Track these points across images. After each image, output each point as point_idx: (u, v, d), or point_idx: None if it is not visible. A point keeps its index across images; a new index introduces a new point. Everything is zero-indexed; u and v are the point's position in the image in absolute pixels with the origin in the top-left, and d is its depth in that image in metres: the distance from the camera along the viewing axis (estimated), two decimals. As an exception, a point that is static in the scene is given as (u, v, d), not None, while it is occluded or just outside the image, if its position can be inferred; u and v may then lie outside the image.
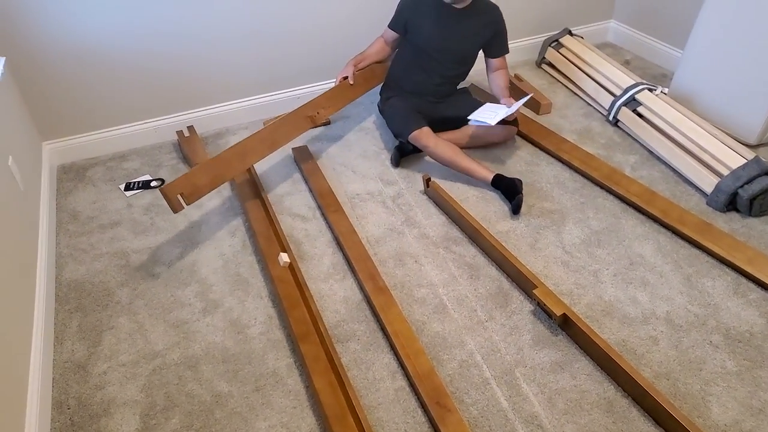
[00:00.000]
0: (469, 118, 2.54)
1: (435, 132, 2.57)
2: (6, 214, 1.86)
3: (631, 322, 1.90)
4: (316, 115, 2.58)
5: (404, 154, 2.67)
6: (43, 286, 1.99)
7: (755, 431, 1.59)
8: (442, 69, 2.64)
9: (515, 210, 2.34)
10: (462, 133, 2.66)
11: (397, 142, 2.71)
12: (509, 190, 2.39)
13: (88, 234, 2.35)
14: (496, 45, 2.65)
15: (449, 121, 2.66)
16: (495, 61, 2.68)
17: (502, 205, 2.41)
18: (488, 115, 2.52)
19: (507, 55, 2.69)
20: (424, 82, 2.67)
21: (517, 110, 2.53)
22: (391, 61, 2.81)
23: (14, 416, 1.48)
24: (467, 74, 2.75)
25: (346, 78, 2.71)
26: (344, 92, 2.74)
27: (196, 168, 2.19)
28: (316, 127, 2.82)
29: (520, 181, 2.40)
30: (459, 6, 2.48)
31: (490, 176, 2.44)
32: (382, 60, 2.82)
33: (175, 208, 2.11)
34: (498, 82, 2.69)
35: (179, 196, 2.11)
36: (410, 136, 2.54)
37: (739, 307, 1.93)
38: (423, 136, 2.51)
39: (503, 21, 2.62)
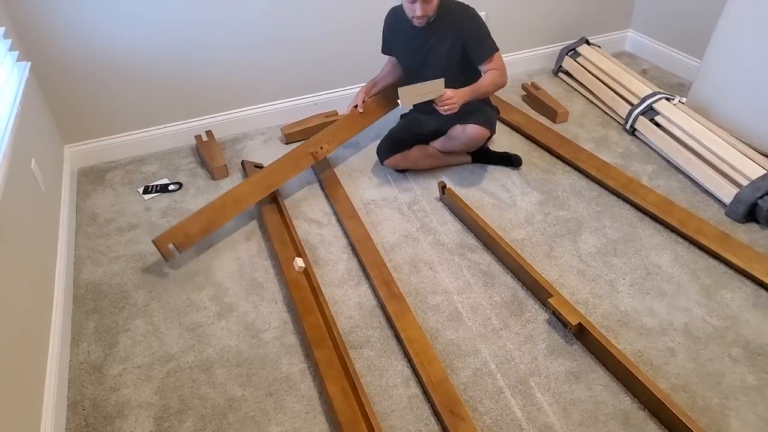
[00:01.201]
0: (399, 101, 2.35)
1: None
2: (28, 216, 1.89)
3: (647, 332, 1.88)
4: (318, 150, 2.55)
5: None
6: (62, 287, 2.01)
7: (775, 446, 1.56)
8: None
9: (519, 165, 2.65)
10: (447, 137, 2.56)
11: None
12: (498, 160, 2.66)
13: (106, 236, 2.37)
14: (473, 52, 2.40)
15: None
16: (481, 68, 2.45)
17: (518, 212, 2.40)
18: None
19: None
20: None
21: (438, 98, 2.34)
22: None
23: (30, 416, 1.50)
24: (469, 81, 2.52)
25: (356, 107, 2.68)
26: (352, 123, 2.69)
27: (190, 216, 2.24)
28: (320, 120, 2.82)
29: (486, 147, 2.66)
30: (421, 24, 2.34)
31: (469, 158, 2.68)
32: (395, 81, 2.69)
33: (167, 257, 2.18)
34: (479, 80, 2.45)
35: (171, 245, 2.17)
36: (384, 165, 2.64)
37: (759, 319, 1.90)
38: (395, 162, 2.61)
39: (474, 24, 2.38)
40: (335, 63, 3.02)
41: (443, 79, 2.30)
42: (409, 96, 2.33)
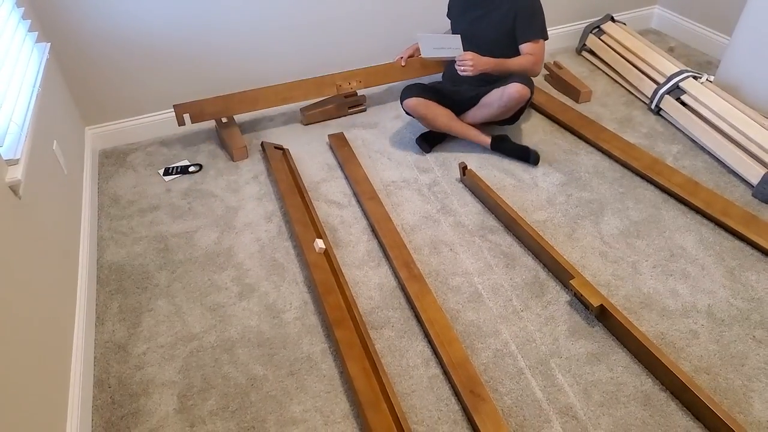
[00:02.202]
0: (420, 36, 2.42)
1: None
2: (51, 198, 1.91)
3: (670, 314, 1.86)
4: (344, 84, 2.61)
5: (429, 140, 2.66)
6: (86, 268, 2.04)
7: (801, 430, 1.54)
8: None
9: (536, 163, 2.52)
10: (479, 106, 2.56)
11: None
12: (515, 153, 2.55)
13: (129, 218, 2.40)
14: (519, 28, 2.46)
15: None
16: (521, 48, 2.49)
17: (540, 193, 2.38)
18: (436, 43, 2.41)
19: (544, 42, 2.49)
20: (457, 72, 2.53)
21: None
22: None
23: (58, 393, 1.53)
24: None
25: (401, 59, 2.79)
26: (390, 72, 2.78)
27: (210, 98, 2.65)
28: (339, 95, 2.82)
29: (506, 135, 2.59)
30: None
31: (488, 140, 2.59)
32: None
33: (179, 123, 2.61)
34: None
35: (186, 116, 2.57)
36: (404, 105, 2.56)
37: (786, 302, 1.87)
38: (415, 105, 2.52)
39: (529, 3, 2.44)
40: (355, 43, 2.99)
41: (459, 36, 2.38)
42: (428, 45, 2.42)
